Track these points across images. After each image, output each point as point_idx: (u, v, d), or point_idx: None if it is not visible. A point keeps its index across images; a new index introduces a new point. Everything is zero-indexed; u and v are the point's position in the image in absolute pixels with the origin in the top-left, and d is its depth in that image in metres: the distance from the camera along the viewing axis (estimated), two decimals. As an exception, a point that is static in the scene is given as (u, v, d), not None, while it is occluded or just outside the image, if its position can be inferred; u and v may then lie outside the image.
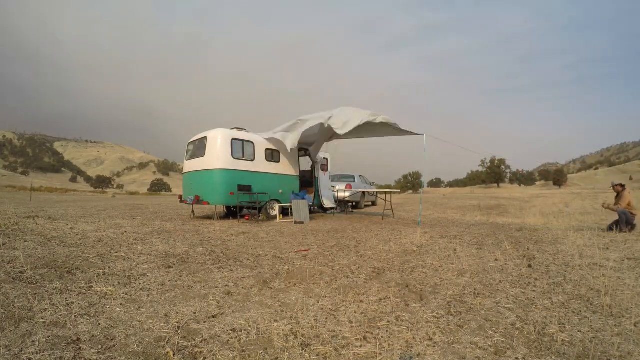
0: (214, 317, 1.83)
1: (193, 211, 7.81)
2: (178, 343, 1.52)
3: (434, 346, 1.55)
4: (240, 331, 1.66)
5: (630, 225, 5.34)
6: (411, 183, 76.08)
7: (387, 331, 1.70)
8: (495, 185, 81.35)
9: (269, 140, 7.35)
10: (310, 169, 8.84)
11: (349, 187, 11.41)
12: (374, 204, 14.32)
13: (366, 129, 7.25)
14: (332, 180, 10.28)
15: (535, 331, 1.71)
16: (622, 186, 5.81)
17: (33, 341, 1.49)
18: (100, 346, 1.48)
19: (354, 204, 11.71)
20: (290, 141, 7.10)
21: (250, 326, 1.71)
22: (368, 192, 12.40)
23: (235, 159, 6.66)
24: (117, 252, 3.32)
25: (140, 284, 2.38)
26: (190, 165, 7.24)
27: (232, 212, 7.85)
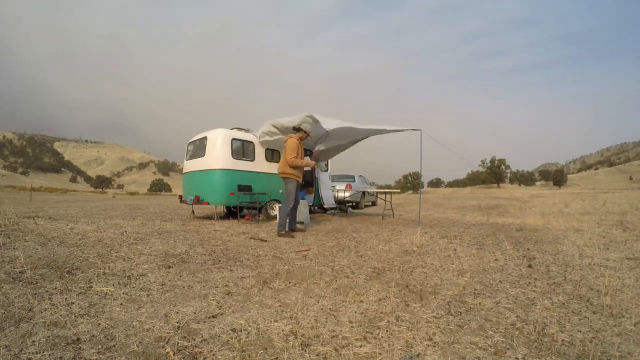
0: (214, 317, 1.83)
1: (193, 211, 7.82)
2: (178, 343, 1.52)
3: (434, 346, 1.55)
4: (240, 331, 1.66)
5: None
6: (411, 183, 76.19)
7: (387, 331, 1.70)
8: (495, 185, 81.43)
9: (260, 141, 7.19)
10: (310, 169, 8.85)
11: (349, 187, 11.41)
12: (374, 204, 14.33)
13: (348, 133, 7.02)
14: (332, 180, 10.28)
15: (535, 331, 1.71)
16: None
17: (33, 341, 1.49)
18: (100, 346, 1.48)
19: (354, 204, 11.71)
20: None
21: (250, 326, 1.71)
22: (368, 192, 12.40)
23: (235, 159, 6.66)
24: (117, 252, 3.32)
25: (140, 284, 2.38)
26: (190, 165, 7.25)
27: (232, 212, 7.86)
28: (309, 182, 8.69)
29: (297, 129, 5.27)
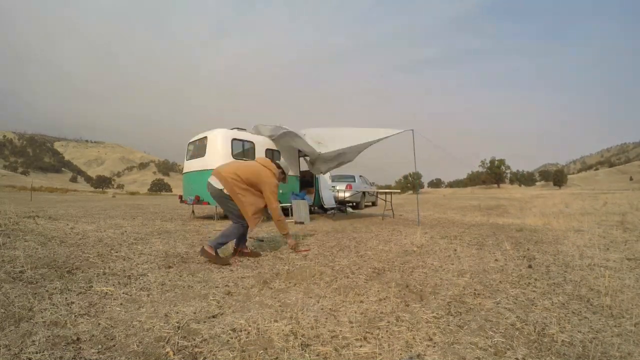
0: (214, 317, 1.83)
1: (193, 211, 7.82)
2: (178, 343, 1.53)
3: (434, 346, 1.55)
4: (240, 331, 1.66)
5: None
6: (411, 183, 76.29)
7: (387, 331, 1.70)
8: (496, 185, 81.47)
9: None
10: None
11: (349, 187, 11.41)
12: (374, 204, 14.32)
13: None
14: (332, 180, 10.29)
15: (535, 331, 1.71)
16: None
17: (33, 341, 1.49)
18: (100, 346, 1.48)
19: (354, 204, 11.70)
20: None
21: (250, 326, 1.71)
22: (368, 193, 12.40)
23: (236, 158, 6.67)
24: (117, 252, 3.32)
25: (140, 283, 2.38)
26: (190, 165, 7.25)
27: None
28: (309, 182, 8.70)
29: (278, 166, 3.56)
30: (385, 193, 9.35)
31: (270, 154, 7.37)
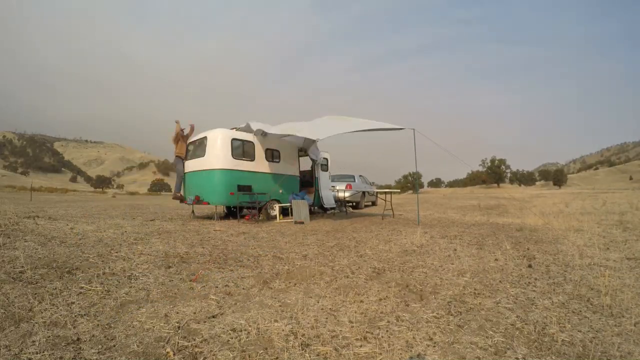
0: (214, 317, 1.83)
1: (193, 211, 7.82)
2: (178, 343, 1.53)
3: (434, 346, 1.55)
4: (240, 331, 1.66)
5: None
6: (411, 183, 76.34)
7: (387, 331, 1.70)
8: (496, 185, 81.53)
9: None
10: (310, 169, 8.85)
11: (349, 187, 11.41)
12: (374, 204, 14.32)
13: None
14: (332, 180, 10.28)
15: (535, 331, 1.71)
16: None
17: (33, 341, 1.49)
18: (100, 346, 1.48)
19: (354, 204, 11.70)
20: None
21: (250, 326, 1.71)
22: (368, 192, 12.41)
23: (235, 159, 6.67)
24: (117, 252, 3.31)
25: (140, 284, 2.38)
26: (190, 165, 7.25)
27: (232, 212, 7.86)
28: (309, 182, 8.70)
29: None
30: (385, 193, 9.35)
31: (270, 153, 7.37)
